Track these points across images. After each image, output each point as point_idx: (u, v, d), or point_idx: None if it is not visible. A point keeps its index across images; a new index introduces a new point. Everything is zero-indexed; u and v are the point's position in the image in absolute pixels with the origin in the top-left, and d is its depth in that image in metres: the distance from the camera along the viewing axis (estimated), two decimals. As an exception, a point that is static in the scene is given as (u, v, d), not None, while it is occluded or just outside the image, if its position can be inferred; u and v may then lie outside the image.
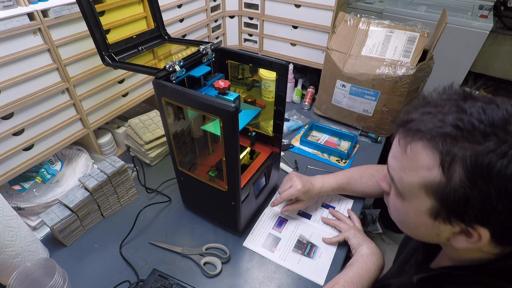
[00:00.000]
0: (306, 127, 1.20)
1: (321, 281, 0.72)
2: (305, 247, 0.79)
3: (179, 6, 1.09)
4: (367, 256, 0.69)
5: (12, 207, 0.68)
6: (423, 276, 0.50)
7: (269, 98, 0.86)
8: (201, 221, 0.86)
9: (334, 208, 0.89)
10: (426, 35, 1.00)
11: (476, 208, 0.36)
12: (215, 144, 0.82)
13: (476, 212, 0.37)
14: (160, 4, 0.82)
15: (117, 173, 0.82)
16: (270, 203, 0.85)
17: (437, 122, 0.37)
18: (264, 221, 0.85)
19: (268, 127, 0.86)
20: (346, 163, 1.04)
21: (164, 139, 1.01)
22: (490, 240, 0.39)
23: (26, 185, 0.86)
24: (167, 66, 0.61)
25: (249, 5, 1.31)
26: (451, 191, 0.37)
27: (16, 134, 0.76)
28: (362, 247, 0.71)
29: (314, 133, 1.19)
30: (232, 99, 0.62)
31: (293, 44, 1.30)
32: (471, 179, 0.35)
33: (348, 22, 1.10)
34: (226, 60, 0.76)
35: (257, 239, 0.81)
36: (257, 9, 1.30)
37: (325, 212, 0.88)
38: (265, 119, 0.87)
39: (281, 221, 0.85)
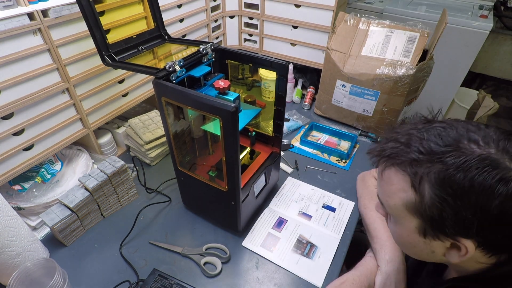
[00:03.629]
0: (306, 127, 1.19)
1: (318, 283, 0.71)
2: (304, 247, 0.79)
3: (179, 6, 1.09)
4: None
5: (12, 207, 0.67)
6: None
7: (269, 98, 0.86)
8: (201, 221, 0.86)
9: (334, 210, 0.89)
10: (426, 35, 1.00)
11: (451, 221, 0.40)
12: (215, 144, 0.82)
13: (453, 225, 0.40)
14: (160, 4, 0.82)
15: (117, 173, 0.82)
16: None
17: (404, 149, 0.43)
18: (263, 221, 0.85)
19: (268, 127, 0.86)
20: (346, 163, 1.04)
21: (164, 139, 1.01)
22: (480, 251, 0.41)
23: (26, 185, 0.86)
24: (167, 66, 0.61)
25: (249, 5, 1.31)
26: (426, 208, 0.41)
27: (16, 134, 0.76)
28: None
29: (314, 133, 1.19)
30: (232, 99, 0.62)
31: (293, 44, 1.30)
32: (438, 194, 0.39)
33: (348, 22, 1.10)
34: (226, 60, 0.76)
35: (256, 239, 0.81)
36: (257, 9, 1.30)
37: (325, 213, 0.88)
38: (265, 119, 0.87)
39: (281, 221, 0.85)
